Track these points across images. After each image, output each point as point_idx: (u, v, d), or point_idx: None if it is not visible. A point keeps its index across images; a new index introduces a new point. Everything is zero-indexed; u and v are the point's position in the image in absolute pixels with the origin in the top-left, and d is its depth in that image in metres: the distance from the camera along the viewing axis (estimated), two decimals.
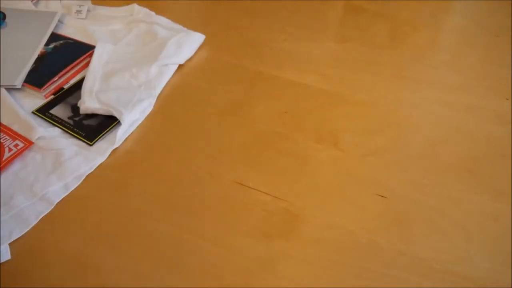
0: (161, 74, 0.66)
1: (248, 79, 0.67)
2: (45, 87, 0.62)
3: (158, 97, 0.63)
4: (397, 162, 0.55)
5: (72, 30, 0.73)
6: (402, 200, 0.51)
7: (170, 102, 0.63)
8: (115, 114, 0.58)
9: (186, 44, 0.70)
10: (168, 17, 0.77)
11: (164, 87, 0.65)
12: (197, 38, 0.72)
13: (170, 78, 0.67)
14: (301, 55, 0.72)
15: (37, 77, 0.63)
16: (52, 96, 0.62)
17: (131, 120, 0.59)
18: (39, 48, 0.67)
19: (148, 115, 0.61)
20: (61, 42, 0.69)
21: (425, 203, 0.48)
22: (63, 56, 0.67)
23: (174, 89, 0.65)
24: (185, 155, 0.56)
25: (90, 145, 0.56)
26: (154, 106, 0.62)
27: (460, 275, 0.45)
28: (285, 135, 0.59)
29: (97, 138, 0.57)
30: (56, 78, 0.63)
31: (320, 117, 0.61)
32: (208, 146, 0.57)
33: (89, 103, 0.59)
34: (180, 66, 0.69)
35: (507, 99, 0.65)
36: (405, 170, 0.54)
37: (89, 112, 0.59)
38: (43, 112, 0.60)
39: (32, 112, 0.60)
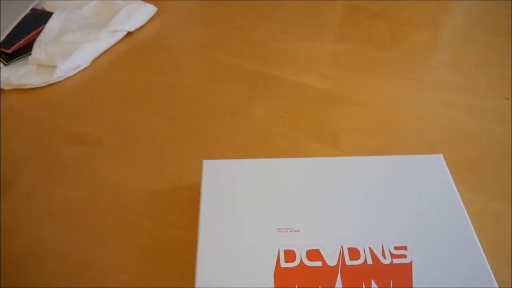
0: (106, 38, 0.72)
1: (248, 79, 0.67)
2: (12, 48, 0.70)
3: (159, 100, 0.63)
4: None
5: (44, 5, 0.80)
6: None
7: (169, 103, 0.63)
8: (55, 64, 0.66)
9: (138, 13, 0.76)
10: (168, 17, 0.77)
11: (168, 87, 0.65)
12: (149, 9, 0.78)
13: (169, 79, 0.67)
14: (301, 55, 0.72)
15: (7, 41, 0.71)
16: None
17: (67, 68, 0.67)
18: (17, 21, 0.75)
19: (150, 115, 0.61)
20: (30, 12, 0.77)
21: None
22: (30, 23, 0.74)
23: (174, 89, 0.66)
24: (183, 156, 0.56)
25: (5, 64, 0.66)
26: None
27: None
28: (285, 135, 0.59)
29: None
30: (22, 42, 0.71)
31: (320, 117, 0.61)
32: (207, 146, 0.57)
33: (36, 54, 0.67)
34: (183, 66, 0.69)
35: (507, 99, 0.65)
36: None
37: (35, 62, 0.67)
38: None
39: None
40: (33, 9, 0.77)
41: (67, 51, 0.67)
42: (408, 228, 0.41)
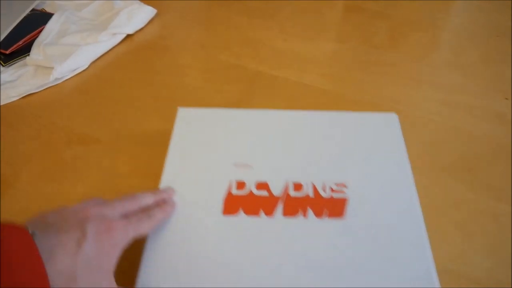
0: (105, 41, 0.71)
1: (248, 79, 0.67)
2: (11, 49, 0.71)
3: (159, 100, 0.63)
4: None
5: (44, 6, 0.81)
6: None
7: (169, 103, 0.63)
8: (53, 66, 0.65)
9: (137, 15, 0.76)
10: (168, 17, 0.77)
11: (168, 87, 0.65)
12: (149, 11, 0.77)
13: (169, 79, 0.67)
14: (301, 55, 0.72)
15: (5, 41, 0.72)
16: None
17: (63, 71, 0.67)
18: (17, 21, 0.76)
19: (150, 115, 0.61)
20: (30, 12, 0.77)
21: (424, 203, 0.48)
22: (30, 24, 0.75)
23: (174, 89, 0.66)
24: None
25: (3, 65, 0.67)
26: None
27: (460, 274, 0.45)
28: None
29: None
30: (20, 42, 0.71)
31: None
32: None
33: (34, 55, 0.68)
34: (183, 66, 0.69)
35: (507, 98, 0.65)
36: None
37: (32, 63, 0.67)
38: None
39: None
40: (33, 10, 0.77)
41: (65, 53, 0.67)
42: (352, 175, 0.45)
